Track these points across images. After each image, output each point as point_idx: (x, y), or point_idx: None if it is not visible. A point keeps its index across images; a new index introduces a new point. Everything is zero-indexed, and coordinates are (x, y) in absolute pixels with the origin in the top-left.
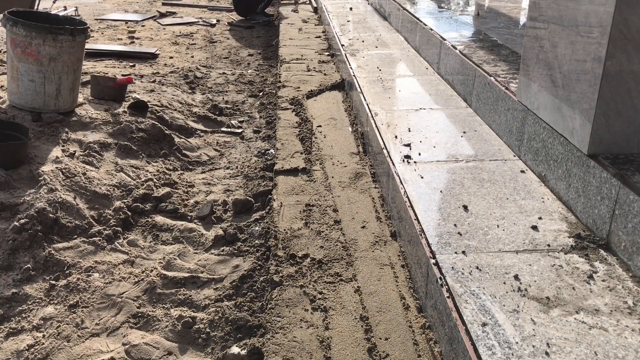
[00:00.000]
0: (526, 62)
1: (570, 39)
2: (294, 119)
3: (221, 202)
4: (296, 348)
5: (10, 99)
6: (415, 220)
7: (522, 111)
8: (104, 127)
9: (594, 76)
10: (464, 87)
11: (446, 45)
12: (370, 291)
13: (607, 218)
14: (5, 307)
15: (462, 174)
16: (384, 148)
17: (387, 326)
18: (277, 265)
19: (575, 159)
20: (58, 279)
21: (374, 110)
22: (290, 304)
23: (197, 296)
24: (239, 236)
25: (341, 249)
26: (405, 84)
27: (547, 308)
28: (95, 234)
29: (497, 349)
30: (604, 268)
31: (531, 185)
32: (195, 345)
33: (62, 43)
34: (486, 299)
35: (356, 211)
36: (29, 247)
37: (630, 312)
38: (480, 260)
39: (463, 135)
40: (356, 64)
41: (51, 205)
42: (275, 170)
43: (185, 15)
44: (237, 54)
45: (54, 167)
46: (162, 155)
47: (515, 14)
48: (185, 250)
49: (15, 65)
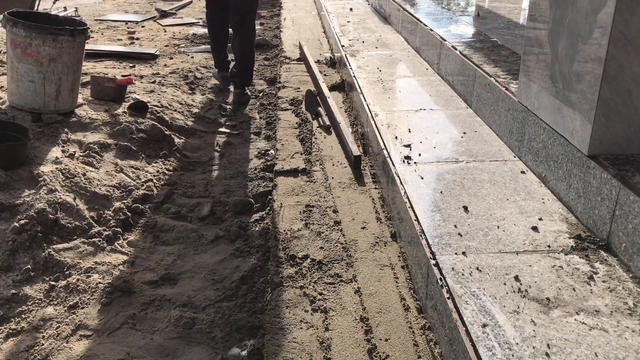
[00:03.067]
0: (526, 62)
1: (571, 39)
2: (294, 120)
3: (221, 202)
4: (296, 349)
5: (10, 99)
6: (416, 221)
7: (522, 112)
8: (104, 128)
9: (594, 77)
10: (464, 88)
11: (446, 46)
12: (370, 292)
13: (607, 219)
14: (5, 307)
15: (463, 174)
16: (384, 149)
17: (387, 327)
18: (277, 266)
19: (575, 159)
20: (58, 280)
21: (374, 111)
22: (290, 304)
23: (197, 297)
24: (238, 237)
25: (341, 250)
26: (406, 84)
27: (548, 309)
28: (95, 234)
29: (497, 350)
30: (605, 269)
31: (531, 186)
32: (196, 346)
33: (62, 44)
34: (486, 299)
35: (356, 212)
36: (28, 247)
37: (631, 313)
38: (481, 261)
39: (463, 136)
40: (356, 65)
41: (51, 206)
42: (275, 171)
43: (186, 16)
44: None
45: (53, 168)
46: (162, 155)
47: (515, 15)
48: (186, 251)
49: (15, 66)
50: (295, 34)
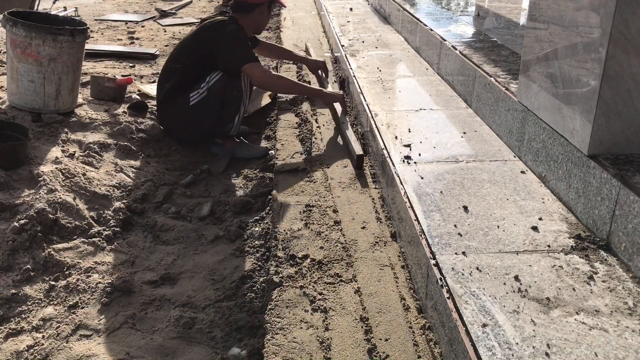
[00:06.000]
0: (526, 62)
1: (571, 39)
2: (294, 120)
3: (221, 202)
4: (296, 349)
5: (9, 99)
6: (415, 221)
7: (522, 112)
8: (104, 128)
9: (594, 77)
10: (464, 88)
11: (446, 45)
12: (370, 292)
13: (607, 219)
14: (5, 307)
15: (462, 174)
16: (384, 148)
17: (387, 327)
18: (277, 265)
19: (575, 159)
20: (58, 280)
21: (374, 111)
22: (290, 304)
23: (197, 297)
24: (238, 237)
25: (341, 250)
26: (406, 84)
27: (548, 309)
28: (95, 234)
29: (497, 350)
30: (604, 269)
31: (531, 186)
32: (195, 346)
33: (62, 43)
34: (486, 299)
35: (356, 212)
36: (28, 247)
37: (631, 312)
38: (481, 261)
39: (463, 135)
40: (356, 65)
41: (51, 205)
42: (275, 171)
43: (186, 16)
44: None
45: (53, 168)
46: (162, 155)
47: (515, 15)
48: (185, 251)
49: (15, 66)
50: (295, 33)
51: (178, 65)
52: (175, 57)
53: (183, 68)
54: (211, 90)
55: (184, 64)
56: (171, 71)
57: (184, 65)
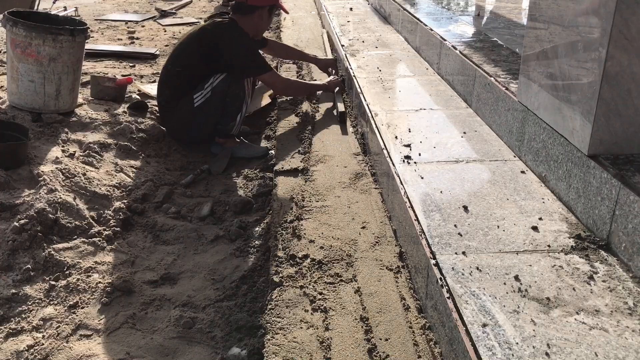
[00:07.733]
0: (526, 62)
1: (571, 39)
2: (294, 120)
3: (221, 202)
4: (296, 349)
5: (10, 99)
6: (415, 221)
7: (522, 111)
8: (104, 128)
9: (594, 77)
10: (464, 88)
11: (446, 45)
12: (370, 292)
13: (607, 219)
14: (5, 307)
15: (462, 174)
16: (384, 148)
17: (387, 327)
18: (277, 265)
19: (575, 159)
20: (58, 280)
21: (374, 111)
22: (290, 304)
23: (197, 297)
24: (238, 237)
25: (341, 250)
26: (406, 84)
27: (548, 309)
28: (95, 234)
29: (497, 350)
30: (604, 269)
31: (531, 186)
32: (196, 346)
33: (62, 43)
34: (486, 299)
35: (356, 212)
36: (28, 247)
37: (631, 312)
38: (481, 260)
39: (463, 135)
40: (356, 64)
41: (51, 205)
42: (275, 171)
43: (186, 15)
44: None
45: (53, 168)
46: (162, 155)
47: (515, 15)
48: (185, 251)
49: (15, 66)
50: (295, 33)
51: (178, 68)
52: (174, 60)
53: (183, 70)
54: (215, 91)
55: (184, 66)
56: (171, 74)
57: (184, 68)
